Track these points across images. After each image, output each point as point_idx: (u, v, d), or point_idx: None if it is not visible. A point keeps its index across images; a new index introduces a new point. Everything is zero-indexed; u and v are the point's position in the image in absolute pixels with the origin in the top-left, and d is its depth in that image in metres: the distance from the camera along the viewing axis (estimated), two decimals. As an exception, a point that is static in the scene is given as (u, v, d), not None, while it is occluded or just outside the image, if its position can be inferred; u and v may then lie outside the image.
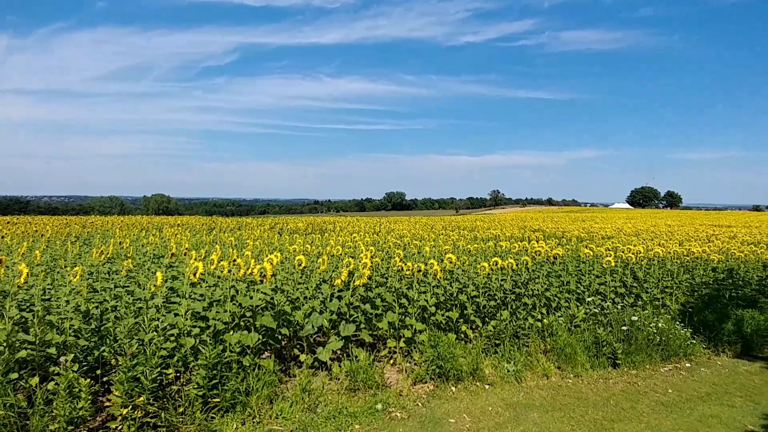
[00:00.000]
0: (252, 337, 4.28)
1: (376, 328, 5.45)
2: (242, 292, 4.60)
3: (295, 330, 5.02)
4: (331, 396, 4.36)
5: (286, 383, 4.58)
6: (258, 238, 11.56)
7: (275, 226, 21.86)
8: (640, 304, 6.99)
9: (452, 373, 4.79)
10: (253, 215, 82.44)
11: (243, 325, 4.52)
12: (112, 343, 4.18)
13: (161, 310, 4.33)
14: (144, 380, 3.59)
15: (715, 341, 6.30)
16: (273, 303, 4.87)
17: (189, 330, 4.20)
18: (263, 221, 26.61)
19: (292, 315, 4.88)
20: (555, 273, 6.88)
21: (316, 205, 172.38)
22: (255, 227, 19.92)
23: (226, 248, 8.51)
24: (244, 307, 4.50)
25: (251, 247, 8.31)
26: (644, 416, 4.33)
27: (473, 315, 5.81)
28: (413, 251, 8.29)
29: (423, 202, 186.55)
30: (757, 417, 4.35)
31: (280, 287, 5.17)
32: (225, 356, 4.06)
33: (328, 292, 5.11)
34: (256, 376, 4.14)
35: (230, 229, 19.68)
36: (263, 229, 18.25)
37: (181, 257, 6.56)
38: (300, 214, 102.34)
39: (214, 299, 4.59)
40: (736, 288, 7.55)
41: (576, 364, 5.35)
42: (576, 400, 4.66)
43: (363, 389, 4.49)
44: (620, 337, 5.76)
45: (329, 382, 4.61)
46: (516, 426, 4.06)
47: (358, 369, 4.53)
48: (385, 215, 65.80)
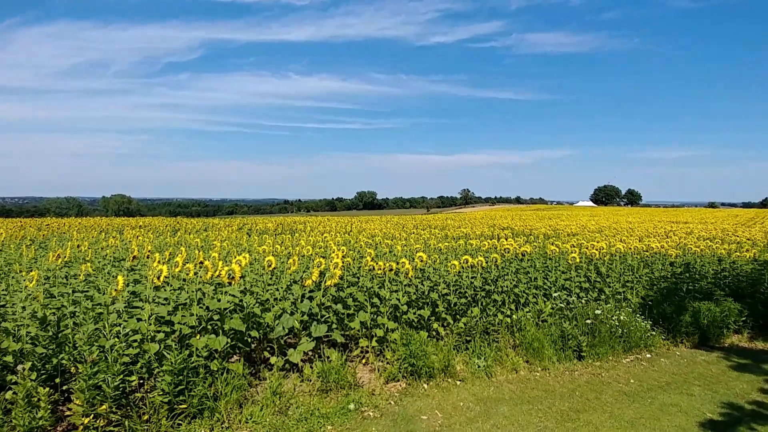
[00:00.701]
0: (220, 340, 4.17)
1: (348, 328, 5.42)
2: (209, 294, 4.47)
3: (265, 332, 4.93)
4: (303, 398, 4.31)
5: (256, 387, 4.49)
6: (226, 239, 11.29)
7: (244, 227, 21.44)
8: (603, 298, 7.26)
9: (424, 370, 4.82)
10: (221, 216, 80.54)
11: (210, 328, 4.40)
12: (71, 351, 4.02)
13: (123, 315, 4.15)
14: (106, 388, 3.45)
15: (674, 332, 6.61)
16: (242, 305, 4.76)
17: (153, 335, 4.05)
18: (231, 222, 26.02)
19: (262, 317, 4.78)
20: (523, 270, 7.04)
21: (286, 205, 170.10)
22: (222, 228, 19.46)
23: (192, 250, 8.26)
24: (212, 310, 4.38)
25: (219, 248, 8.10)
26: (608, 406, 4.50)
27: (444, 313, 5.87)
28: (385, 250, 8.30)
29: (394, 201, 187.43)
30: (715, 405, 4.58)
31: (250, 289, 5.06)
32: (192, 361, 3.94)
33: (299, 293, 5.04)
34: (224, 381, 4.04)
35: (196, 230, 19.15)
36: (231, 230, 17.85)
37: (143, 260, 6.32)
38: (269, 215, 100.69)
39: (179, 303, 4.44)
40: (693, 281, 7.94)
41: (543, 358, 5.49)
42: (544, 392, 4.78)
43: (335, 390, 4.45)
44: (585, 330, 5.95)
45: (301, 383, 4.55)
46: (487, 420, 4.13)
47: (330, 369, 4.49)
48: (357, 215, 65.70)
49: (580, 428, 4.02)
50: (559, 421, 4.16)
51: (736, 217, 51.95)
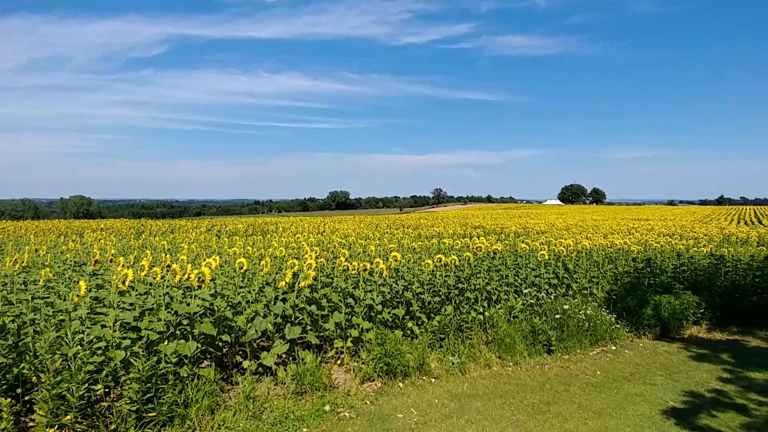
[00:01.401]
0: (190, 346, 4.06)
1: (322, 329, 5.38)
2: (178, 299, 4.35)
3: (237, 336, 4.83)
4: (277, 401, 4.25)
5: (228, 392, 4.40)
6: (194, 242, 10.98)
7: (213, 228, 20.94)
8: (570, 293, 7.49)
9: (399, 369, 4.84)
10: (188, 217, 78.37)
11: (180, 333, 4.27)
12: (32, 360, 3.85)
13: (86, 322, 3.99)
14: (70, 397, 3.32)
15: (637, 325, 6.89)
16: (213, 309, 4.65)
17: (118, 342, 3.90)
18: (199, 223, 25.35)
19: (233, 320, 4.69)
20: (495, 267, 7.18)
21: (256, 206, 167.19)
22: (190, 230, 18.96)
23: (158, 253, 8.01)
24: (181, 315, 4.26)
25: (187, 251, 7.89)
26: (576, 397, 4.65)
27: (419, 311, 5.91)
28: (359, 250, 8.29)
29: (367, 201, 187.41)
30: (676, 393, 4.81)
31: (220, 292, 4.95)
32: (160, 368, 3.82)
33: (272, 295, 4.97)
34: (195, 387, 3.93)
35: (162, 232, 18.57)
36: (199, 232, 17.40)
37: (106, 264, 6.08)
38: (239, 215, 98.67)
39: (146, 308, 4.29)
40: (654, 276, 8.29)
41: (515, 353, 5.61)
42: (515, 386, 4.89)
43: (310, 392, 4.41)
44: (554, 325, 6.13)
45: (275, 387, 4.48)
46: (461, 415, 4.19)
47: (304, 372, 4.45)
48: (329, 215, 65.26)
49: (551, 420, 4.14)
50: (531, 413, 4.26)
51: (694, 214, 54.69)
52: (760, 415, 4.24)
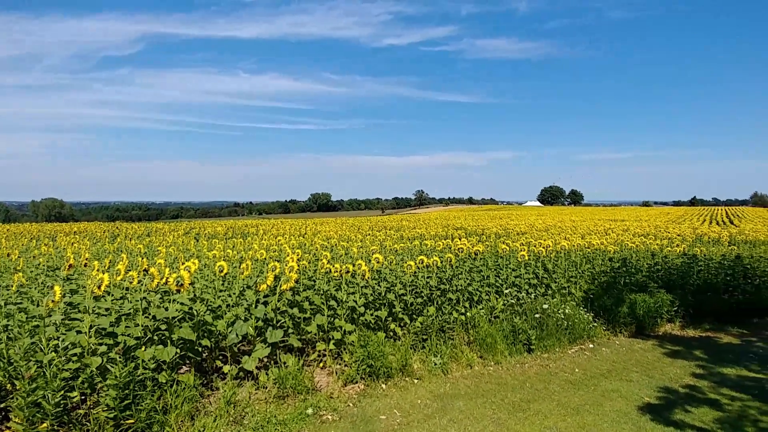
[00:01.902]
0: (168, 351, 3.98)
1: (304, 332, 5.34)
2: (155, 303, 4.26)
3: (217, 340, 4.76)
4: (259, 406, 4.20)
5: (208, 397, 4.33)
6: (172, 245, 10.76)
7: (191, 231, 20.59)
8: (550, 293, 7.62)
9: (382, 371, 4.85)
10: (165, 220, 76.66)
11: (158, 339, 4.19)
12: (6, 367, 3.75)
13: (61, 328, 3.87)
14: (46, 405, 3.25)
15: (613, 323, 7.06)
16: (192, 313, 4.57)
17: (94, 348, 3.80)
18: (177, 226, 24.87)
19: (213, 325, 4.61)
20: (476, 268, 7.25)
21: (236, 208, 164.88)
22: (167, 233, 18.59)
23: (135, 257, 7.83)
24: (159, 320, 4.17)
25: (164, 254, 7.72)
26: (555, 395, 4.73)
27: (401, 313, 5.93)
28: (341, 252, 8.27)
29: (349, 203, 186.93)
30: (652, 389, 4.94)
31: (200, 296, 4.87)
32: (138, 374, 3.74)
33: (253, 299, 4.91)
34: (174, 393, 3.86)
35: (138, 235, 18.17)
36: (177, 235, 17.07)
37: (80, 269, 5.92)
38: (219, 218, 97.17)
39: (122, 313, 4.19)
40: (630, 275, 8.51)
41: (496, 353, 5.68)
42: (497, 385, 4.95)
43: (292, 395, 4.38)
44: (534, 324, 6.23)
45: (256, 391, 4.43)
46: (443, 415, 4.22)
47: (286, 375, 4.41)
48: (311, 217, 64.81)
49: (531, 417, 4.21)
50: (511, 411, 4.33)
51: (668, 214, 56.39)
52: (733, 410, 4.39)
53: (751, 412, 4.32)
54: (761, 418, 4.18)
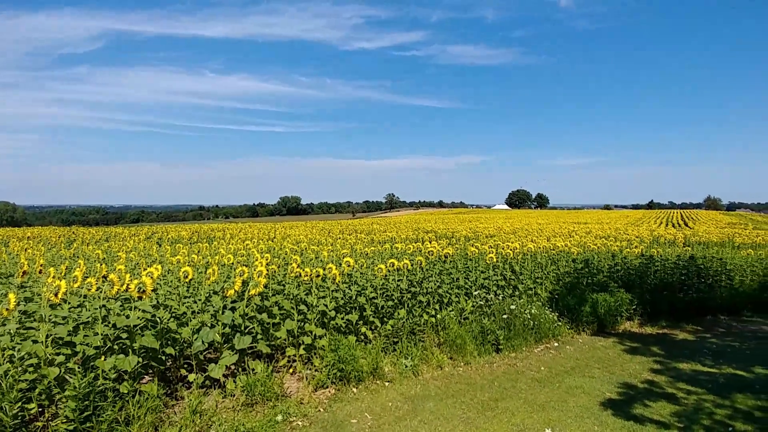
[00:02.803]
0: (130, 360, 3.82)
1: (274, 338, 5.25)
2: (115, 311, 4.09)
3: (182, 348, 4.62)
4: (226, 414, 4.09)
5: (173, 407, 4.18)
6: (132, 250, 10.35)
7: (153, 236, 19.89)
8: (517, 294, 7.80)
9: (353, 374, 4.83)
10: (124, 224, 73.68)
11: (118, 348, 4.02)
12: (-41, 378, 3.47)
13: (16, 337, 3.68)
14: (3, 417, 3.12)
15: (577, 322, 7.30)
16: (155, 321, 4.41)
17: (52, 358, 3.63)
18: (138, 230, 23.94)
19: (178, 332, 4.47)
20: (446, 271, 7.34)
21: (201, 212, 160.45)
22: (128, 238, 17.89)
23: (93, 263, 7.48)
24: (119, 328, 4.00)
25: (124, 260, 7.42)
26: (522, 392, 4.85)
27: (372, 316, 5.93)
28: (311, 256, 8.19)
29: (319, 206, 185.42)
30: (612, 385, 5.13)
31: (163, 303, 4.71)
32: (98, 384, 3.58)
33: (220, 304, 4.79)
34: (137, 403, 3.72)
35: (96, 240, 17.40)
36: (138, 240, 16.44)
37: (35, 275, 5.61)
38: (183, 222, 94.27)
39: (81, 322, 4.01)
40: (592, 275, 8.83)
41: (466, 353, 5.76)
42: (466, 385, 5.02)
43: (261, 402, 4.29)
44: (502, 324, 6.36)
45: (223, 399, 4.32)
46: (414, 417, 4.24)
47: (255, 382, 4.32)
48: (280, 220, 63.84)
49: (499, 415, 4.29)
50: (480, 410, 4.40)
51: (627, 217, 58.92)
52: (689, 403, 4.61)
53: (706, 405, 4.55)
54: (716, 410, 4.41)
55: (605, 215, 68.29)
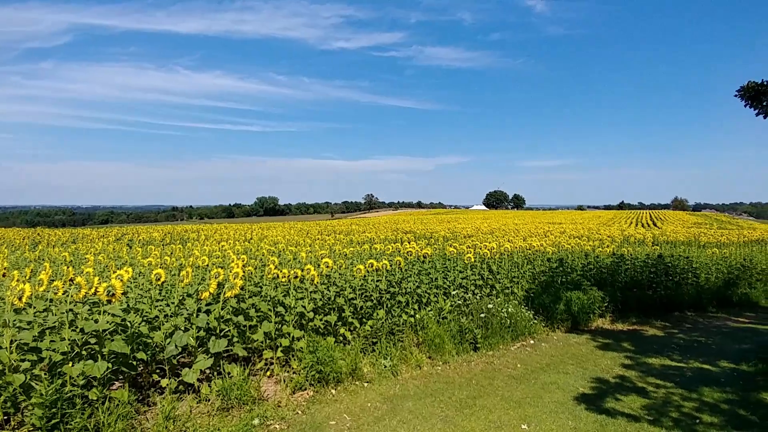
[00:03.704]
0: (99, 366, 3.69)
1: (250, 341, 5.16)
2: (83, 315, 3.95)
3: (154, 353, 4.48)
4: (201, 419, 4.00)
5: (145, 414, 4.06)
6: (101, 252, 10.01)
7: (123, 238, 19.30)
8: (494, 293, 7.91)
9: (332, 376, 4.79)
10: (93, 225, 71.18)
11: (87, 353, 3.88)
12: None
13: (-23, 344, 3.49)
14: None
15: (552, 320, 7.45)
16: (125, 325, 4.27)
17: (17, 365, 3.47)
18: (107, 232, 23.16)
19: (150, 336, 4.35)
20: (425, 271, 7.38)
21: (174, 212, 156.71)
22: (96, 239, 17.29)
23: (59, 266, 7.20)
24: (87, 333, 3.86)
25: (93, 262, 7.17)
26: (499, 390, 4.91)
27: (351, 317, 5.90)
28: (289, 257, 8.09)
29: (297, 206, 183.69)
30: (586, 380, 5.25)
31: (134, 306, 4.57)
32: (66, 391, 3.46)
33: (194, 307, 4.68)
34: (107, 410, 3.59)
35: (62, 242, 16.76)
36: (107, 241, 15.89)
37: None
38: (155, 223, 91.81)
39: (47, 326, 3.86)
40: (566, 274, 9.03)
41: (444, 352, 5.80)
42: (445, 384, 5.06)
43: (237, 406, 4.21)
44: (479, 323, 6.43)
45: (198, 405, 4.22)
46: (393, 417, 4.24)
47: (231, 386, 4.23)
48: (257, 221, 62.91)
49: (477, 413, 4.34)
50: (459, 408, 4.43)
51: (599, 217, 60.55)
52: (658, 397, 4.76)
53: (675, 398, 4.71)
54: (684, 403, 4.57)
55: (579, 215, 70.10)
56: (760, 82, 5.36)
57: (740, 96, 5.55)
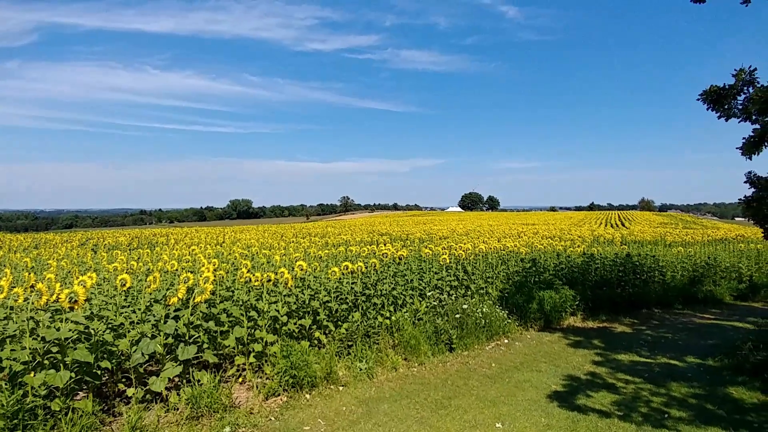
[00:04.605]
0: (62, 376, 3.54)
1: (222, 347, 5.04)
2: (45, 323, 3.77)
3: (119, 361, 4.32)
4: (169, 429, 3.87)
5: (110, 424, 3.90)
6: (64, 258, 9.59)
7: (88, 242, 18.60)
8: (469, 294, 7.98)
9: (306, 380, 4.72)
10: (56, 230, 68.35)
11: (49, 363, 3.71)
12: None
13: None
14: None
15: (525, 319, 7.57)
16: (89, 333, 4.10)
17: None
18: (71, 236, 22.27)
19: (114, 344, 4.18)
20: (401, 273, 7.38)
21: (142, 216, 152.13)
22: (59, 244, 16.59)
23: (20, 272, 6.87)
24: (49, 341, 3.69)
25: (55, 268, 6.86)
26: (474, 389, 4.95)
27: (326, 320, 5.84)
28: (262, 261, 7.95)
29: (272, 209, 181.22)
30: (558, 378, 5.35)
31: (98, 313, 4.39)
32: (27, 402, 3.31)
33: (162, 313, 4.52)
34: (70, 421, 3.45)
35: (24, 248, 16.00)
36: (71, 246, 15.27)
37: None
38: (122, 227, 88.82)
39: (6, 335, 3.69)
40: (539, 274, 9.20)
41: (420, 354, 5.81)
42: (420, 385, 5.05)
43: (208, 415, 4.09)
44: (455, 324, 6.47)
45: (166, 414, 4.08)
46: (368, 420, 4.21)
47: (201, 394, 4.11)
48: (230, 224, 61.70)
49: (452, 413, 4.35)
50: (434, 409, 4.44)
51: (571, 218, 62.16)
52: (627, 392, 4.89)
53: (644, 393, 4.85)
54: (652, 398, 4.70)
55: (551, 216, 71.80)
56: (722, 86, 5.57)
57: (703, 99, 5.76)
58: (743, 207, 5.57)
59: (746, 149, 5.36)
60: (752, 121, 5.37)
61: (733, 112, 5.55)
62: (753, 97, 5.18)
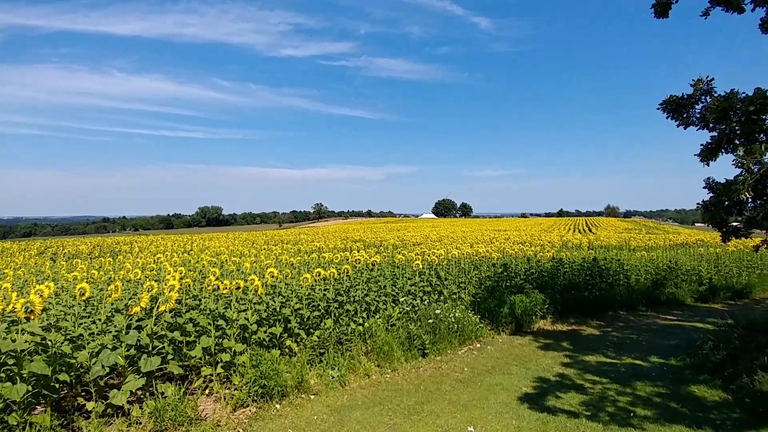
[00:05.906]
0: (18, 389, 3.36)
1: (188, 357, 4.87)
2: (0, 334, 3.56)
3: (78, 374, 4.11)
4: (131, 444, 3.70)
5: (67, 442, 3.69)
6: (21, 267, 9.12)
7: (46, 251, 17.78)
8: (442, 299, 8.03)
9: (276, 390, 4.61)
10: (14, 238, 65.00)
11: (5, 375, 3.52)
12: None
13: None
14: None
15: (497, 323, 7.66)
16: (46, 344, 3.89)
17: None
18: (29, 245, 21.22)
19: (73, 356, 3.98)
20: (374, 279, 7.35)
21: (105, 223, 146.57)
22: (17, 253, 15.79)
23: (-27, 283, 6.47)
24: (5, 353, 3.50)
25: (11, 278, 6.50)
26: (447, 394, 4.96)
27: (297, 328, 5.74)
28: (232, 268, 7.77)
29: (243, 216, 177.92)
30: (529, 380, 5.42)
31: (56, 324, 4.18)
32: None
33: (124, 324, 4.34)
34: (24, 439, 3.24)
35: (-20, 258, 15.12)
36: (29, 255, 14.55)
37: None
38: (83, 235, 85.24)
39: (-44, 349, 3.42)
40: (510, 278, 9.35)
41: (393, 360, 5.78)
42: (393, 392, 5.02)
43: (172, 428, 3.94)
44: (428, 329, 6.48)
45: (128, 428, 3.90)
46: (340, 428, 4.14)
47: (165, 407, 3.95)
48: (199, 232, 60.07)
49: (425, 418, 4.34)
50: (407, 415, 4.42)
51: (541, 225, 63.65)
52: (595, 392, 5.00)
53: (610, 393, 4.97)
54: (619, 398, 4.82)
55: (522, 223, 73.38)
56: (680, 95, 5.83)
57: (662, 109, 6.01)
58: (702, 211, 5.81)
59: (704, 156, 5.61)
60: (709, 129, 5.63)
61: (692, 121, 5.80)
62: (710, 106, 5.43)
